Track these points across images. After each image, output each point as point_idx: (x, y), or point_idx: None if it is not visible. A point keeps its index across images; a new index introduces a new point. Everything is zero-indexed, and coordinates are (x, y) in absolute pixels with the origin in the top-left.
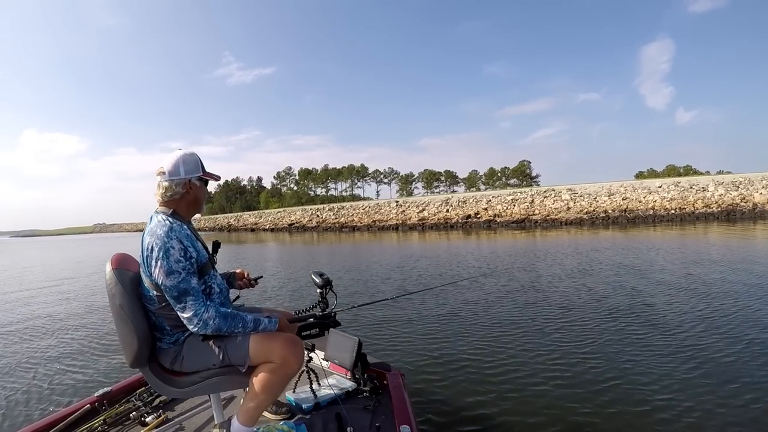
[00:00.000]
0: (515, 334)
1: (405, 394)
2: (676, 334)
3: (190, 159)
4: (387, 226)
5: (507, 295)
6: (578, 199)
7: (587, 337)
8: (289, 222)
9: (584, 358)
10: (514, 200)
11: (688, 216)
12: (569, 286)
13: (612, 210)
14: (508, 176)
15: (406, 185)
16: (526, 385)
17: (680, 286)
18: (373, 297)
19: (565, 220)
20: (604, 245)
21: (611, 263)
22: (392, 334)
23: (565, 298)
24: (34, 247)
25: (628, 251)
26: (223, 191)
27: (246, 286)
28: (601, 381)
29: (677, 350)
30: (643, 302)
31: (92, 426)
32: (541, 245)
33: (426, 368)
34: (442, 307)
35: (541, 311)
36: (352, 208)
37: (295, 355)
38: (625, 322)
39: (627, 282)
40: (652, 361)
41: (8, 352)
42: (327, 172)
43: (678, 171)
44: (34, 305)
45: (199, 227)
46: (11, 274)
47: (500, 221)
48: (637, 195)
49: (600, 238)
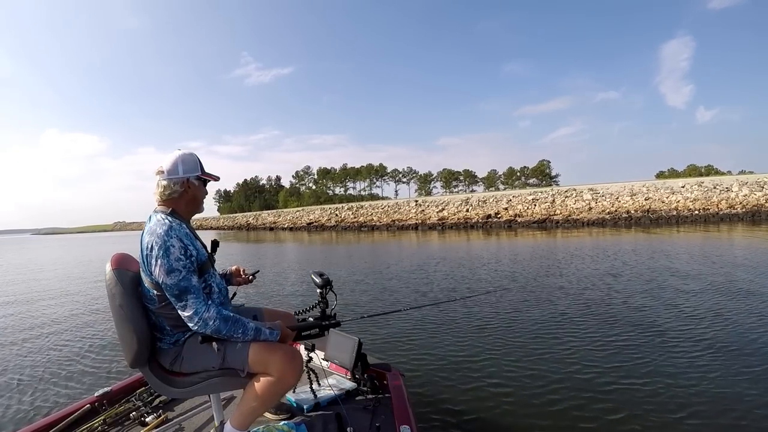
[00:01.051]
0: (516, 334)
1: (405, 394)
2: (725, 351)
3: (189, 159)
4: (406, 225)
5: (508, 295)
6: (600, 199)
7: (589, 338)
8: (307, 221)
9: (585, 359)
10: (534, 200)
11: (712, 217)
12: (579, 288)
13: (634, 210)
14: (527, 176)
15: (424, 185)
16: (527, 386)
17: (723, 293)
18: (386, 304)
19: (587, 221)
20: (628, 247)
21: (635, 265)
22: (392, 334)
23: (570, 300)
24: (53, 244)
25: (657, 254)
26: (242, 190)
27: (244, 282)
28: (601, 382)
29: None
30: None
31: (92, 426)
32: (563, 246)
33: (426, 368)
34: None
35: (542, 312)
36: (371, 207)
37: (293, 370)
38: (639, 326)
39: (646, 286)
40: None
41: (8, 352)
42: (346, 172)
43: (699, 171)
44: (36, 304)
45: (218, 225)
46: (21, 272)
47: (521, 221)
48: (659, 195)
49: (623, 240)
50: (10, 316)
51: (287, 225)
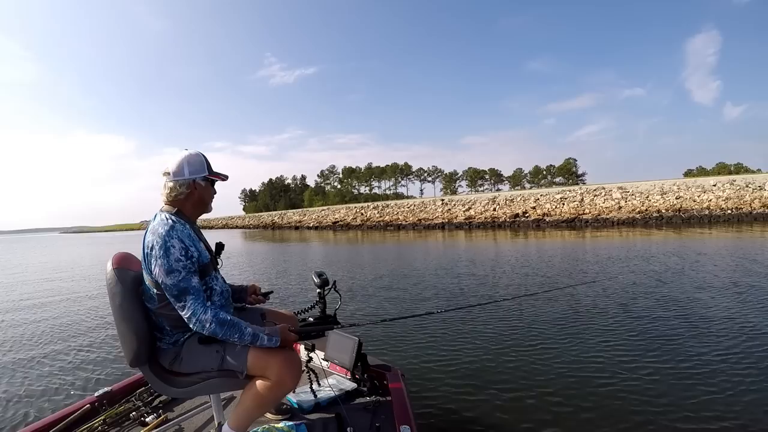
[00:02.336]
0: (517, 334)
1: (405, 394)
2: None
3: (195, 159)
4: (432, 224)
5: (510, 295)
6: (629, 197)
7: (591, 338)
8: (333, 220)
9: (585, 360)
10: (563, 199)
11: (746, 216)
12: (591, 289)
13: (665, 210)
14: (553, 174)
15: (450, 183)
16: (527, 386)
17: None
18: (401, 308)
19: (617, 220)
20: (660, 248)
21: (673, 268)
22: (392, 334)
23: (576, 305)
24: (78, 242)
25: (701, 257)
26: (268, 189)
27: (256, 302)
28: (602, 383)
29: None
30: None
31: (92, 426)
32: (591, 248)
33: (426, 368)
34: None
35: (544, 312)
36: (397, 206)
37: (290, 375)
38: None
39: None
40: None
41: (9, 352)
42: (371, 171)
43: (729, 169)
44: (39, 303)
45: (243, 224)
46: (34, 272)
47: (549, 221)
48: (690, 194)
49: (654, 240)
50: (10, 316)
51: (312, 224)
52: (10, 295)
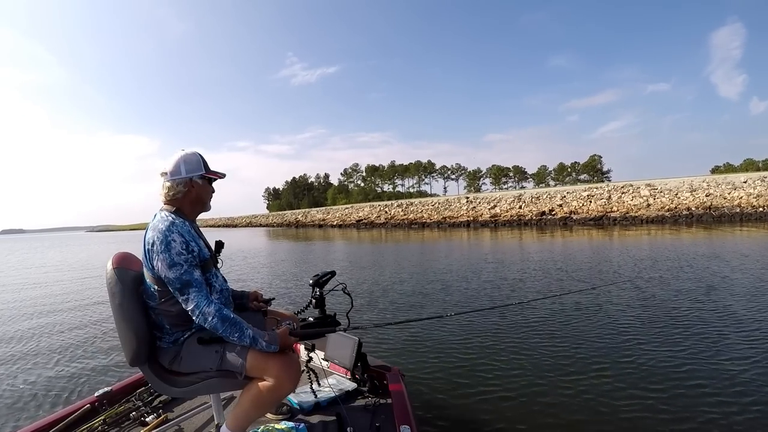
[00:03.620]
0: (517, 334)
1: (405, 394)
2: None
3: (192, 158)
4: (457, 223)
5: (511, 295)
6: (658, 195)
7: (592, 338)
8: (356, 218)
9: (586, 360)
10: (590, 196)
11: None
12: (604, 297)
13: (695, 207)
14: (578, 172)
15: (473, 181)
16: (528, 386)
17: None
18: (409, 311)
19: (646, 218)
20: (691, 249)
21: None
22: (392, 334)
23: (579, 303)
24: (99, 241)
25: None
26: (291, 188)
27: (257, 308)
28: (604, 383)
29: None
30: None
31: (92, 426)
32: (618, 246)
33: (426, 368)
34: (440, 308)
35: (545, 312)
36: (421, 204)
37: (289, 378)
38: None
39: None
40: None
41: (9, 351)
42: (394, 169)
43: (756, 165)
44: (39, 303)
45: (267, 223)
46: (43, 271)
47: (576, 218)
48: (721, 191)
49: (684, 240)
50: (11, 316)
51: (336, 222)
52: (13, 295)
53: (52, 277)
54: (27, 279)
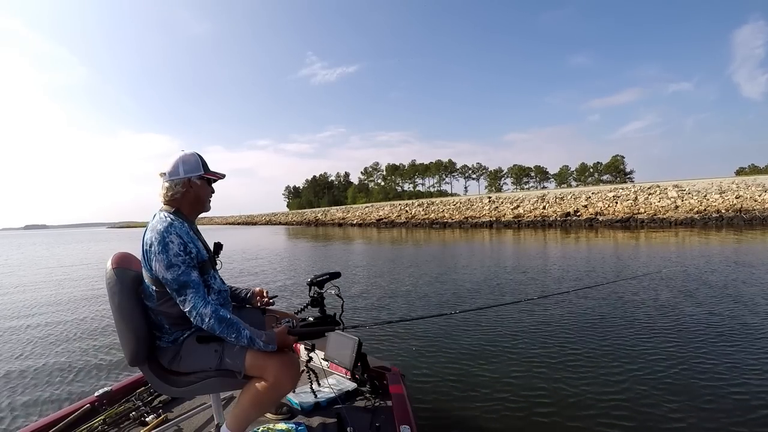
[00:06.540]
0: (517, 334)
1: (405, 394)
2: None
3: (190, 159)
4: (479, 223)
5: (511, 294)
6: (686, 196)
7: (593, 337)
8: (377, 217)
9: (588, 361)
10: (615, 197)
11: None
12: (615, 301)
13: (725, 209)
14: (600, 172)
15: (494, 181)
16: (528, 386)
17: None
18: (411, 310)
19: (674, 220)
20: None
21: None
22: (392, 334)
23: (584, 304)
24: (117, 237)
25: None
26: (311, 186)
27: (263, 305)
28: (606, 385)
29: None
30: None
31: (92, 426)
32: (645, 249)
33: (426, 368)
34: (443, 308)
35: (546, 312)
36: (442, 203)
37: (288, 377)
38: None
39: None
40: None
41: (9, 351)
42: (414, 168)
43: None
44: (40, 302)
45: (287, 221)
46: (49, 269)
47: (602, 220)
48: (751, 193)
49: (715, 244)
50: (12, 315)
51: (356, 221)
52: (14, 295)
53: (56, 275)
54: (33, 277)
